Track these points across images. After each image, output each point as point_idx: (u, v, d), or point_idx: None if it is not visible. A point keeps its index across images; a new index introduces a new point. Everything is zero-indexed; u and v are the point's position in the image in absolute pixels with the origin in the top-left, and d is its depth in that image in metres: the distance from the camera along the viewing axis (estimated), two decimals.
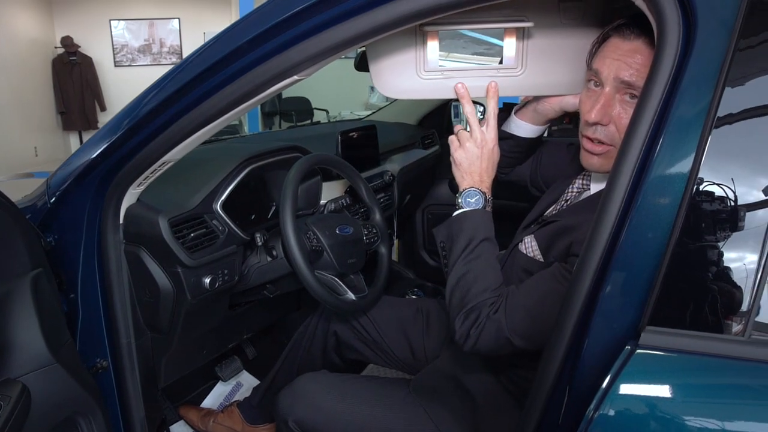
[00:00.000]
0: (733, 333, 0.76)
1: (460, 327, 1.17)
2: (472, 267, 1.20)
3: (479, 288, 1.17)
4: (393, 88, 1.29)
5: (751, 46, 0.76)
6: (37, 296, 1.10)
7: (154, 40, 9.47)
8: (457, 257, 1.22)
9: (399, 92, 1.30)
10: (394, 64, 1.26)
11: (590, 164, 1.20)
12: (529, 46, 1.24)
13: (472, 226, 1.23)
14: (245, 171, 1.64)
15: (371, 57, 1.26)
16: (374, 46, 1.24)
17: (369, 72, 1.29)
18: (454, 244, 1.24)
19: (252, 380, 2.23)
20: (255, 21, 1.04)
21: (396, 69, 1.26)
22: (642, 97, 0.83)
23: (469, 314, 1.16)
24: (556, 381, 0.90)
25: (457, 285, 1.20)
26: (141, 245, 1.42)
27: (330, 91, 7.64)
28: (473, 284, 1.18)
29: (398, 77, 1.27)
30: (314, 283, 1.51)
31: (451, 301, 1.20)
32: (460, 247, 1.22)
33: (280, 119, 7.71)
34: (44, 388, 1.07)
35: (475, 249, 1.21)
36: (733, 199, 0.76)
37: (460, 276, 1.20)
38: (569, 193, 1.34)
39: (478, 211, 1.24)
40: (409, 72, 1.26)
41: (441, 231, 1.29)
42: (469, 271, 1.20)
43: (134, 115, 1.19)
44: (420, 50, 1.24)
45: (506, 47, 1.24)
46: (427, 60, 1.24)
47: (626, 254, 0.82)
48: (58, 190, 1.32)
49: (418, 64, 1.25)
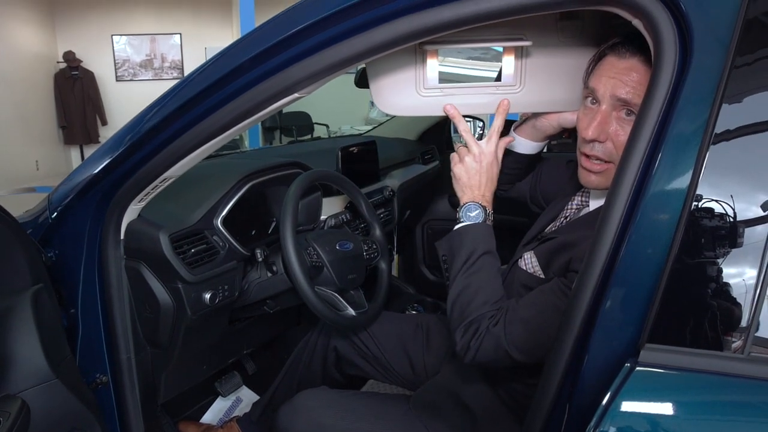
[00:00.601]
0: (732, 350, 0.76)
1: (461, 339, 1.17)
2: (472, 280, 1.20)
3: (479, 301, 1.18)
4: (393, 106, 1.30)
5: (748, 63, 0.77)
6: (37, 312, 1.10)
7: (156, 55, 9.52)
8: (458, 270, 1.22)
9: (399, 109, 1.31)
10: (394, 82, 1.27)
11: (588, 182, 1.21)
12: (527, 64, 1.25)
13: (472, 240, 1.23)
14: (246, 187, 1.65)
15: (371, 74, 1.27)
16: (374, 64, 1.25)
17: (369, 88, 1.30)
18: (455, 258, 1.25)
19: (252, 396, 2.22)
20: (256, 39, 1.05)
21: (396, 86, 1.27)
22: (640, 114, 0.84)
23: (469, 327, 1.17)
24: (556, 398, 0.89)
25: (458, 298, 1.20)
26: (141, 261, 1.43)
27: (330, 106, 7.66)
28: (474, 297, 1.19)
29: (398, 95, 1.28)
30: (314, 298, 1.51)
31: (452, 314, 1.21)
32: (461, 260, 1.23)
33: (280, 134, 7.72)
34: (44, 403, 1.07)
35: (476, 262, 1.22)
36: (732, 214, 0.77)
37: (460, 289, 1.21)
38: (568, 209, 1.34)
39: (479, 225, 1.25)
40: (408, 89, 1.27)
41: (443, 245, 1.30)
42: (469, 284, 1.20)
43: (136, 131, 1.19)
44: (420, 68, 1.25)
45: (505, 65, 1.25)
46: (426, 78, 1.25)
47: (625, 271, 0.82)
48: (60, 205, 1.32)
49: (418, 81, 1.26)
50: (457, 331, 1.18)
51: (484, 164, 1.26)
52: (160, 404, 1.71)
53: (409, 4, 0.94)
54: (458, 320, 1.19)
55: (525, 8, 0.91)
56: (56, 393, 1.10)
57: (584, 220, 1.26)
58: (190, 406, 2.13)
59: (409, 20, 0.95)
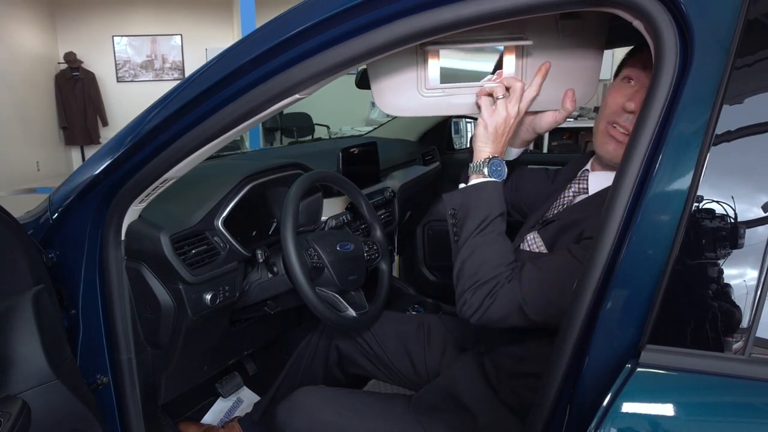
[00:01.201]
0: (733, 351, 0.76)
1: (472, 297, 1.16)
2: (487, 240, 1.18)
3: (495, 262, 1.17)
4: (395, 106, 1.30)
5: (748, 64, 0.77)
6: (38, 312, 1.10)
7: (157, 56, 9.53)
8: (473, 230, 1.19)
9: (401, 110, 1.30)
10: (396, 83, 1.27)
11: (607, 151, 1.26)
12: (528, 63, 1.25)
13: (491, 198, 1.20)
14: (246, 188, 1.65)
15: (372, 76, 1.27)
16: (375, 65, 1.25)
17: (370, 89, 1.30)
18: (468, 214, 1.20)
19: (252, 396, 2.22)
20: (257, 40, 1.05)
21: (397, 87, 1.27)
22: (641, 116, 0.84)
23: (483, 285, 1.15)
24: (557, 399, 0.89)
25: (471, 257, 1.18)
26: (142, 262, 1.43)
27: (331, 106, 7.68)
28: (489, 257, 1.17)
29: (400, 95, 1.28)
30: (315, 299, 1.51)
31: (462, 273, 1.18)
32: (478, 219, 1.19)
33: (281, 135, 7.74)
34: (44, 404, 1.07)
35: (492, 222, 1.19)
36: (733, 216, 0.77)
37: (474, 248, 1.18)
38: (565, 197, 1.37)
39: (499, 184, 1.22)
40: (410, 90, 1.27)
41: (455, 198, 1.24)
42: (484, 243, 1.18)
43: (137, 132, 1.20)
44: (421, 68, 1.25)
45: (506, 64, 1.25)
46: (428, 78, 1.25)
47: (626, 272, 0.82)
48: (61, 206, 1.33)
49: (420, 82, 1.26)
50: (467, 291, 1.16)
51: (513, 122, 1.23)
52: (160, 405, 1.71)
53: (409, 5, 0.94)
54: (470, 279, 1.17)
55: (525, 9, 0.91)
56: (57, 394, 1.10)
57: (586, 203, 1.29)
58: (191, 407, 2.13)
59: (409, 21, 0.95)
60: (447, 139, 3.23)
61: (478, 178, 1.22)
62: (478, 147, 1.23)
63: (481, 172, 1.22)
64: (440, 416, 1.41)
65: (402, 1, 0.94)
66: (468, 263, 1.18)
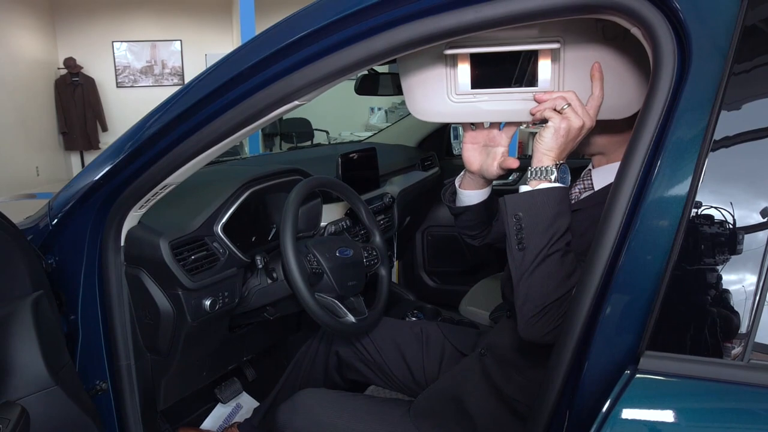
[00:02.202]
0: (732, 357, 0.77)
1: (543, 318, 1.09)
2: (559, 256, 1.10)
3: (566, 280, 1.09)
4: (424, 112, 1.25)
5: (746, 70, 0.77)
6: (37, 318, 1.10)
7: (156, 61, 9.53)
8: (545, 244, 1.09)
9: (430, 115, 1.25)
10: (425, 88, 1.22)
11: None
12: (566, 67, 1.15)
13: (561, 206, 1.11)
14: (246, 194, 1.65)
15: (403, 79, 1.23)
16: (406, 70, 1.21)
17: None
18: (536, 225, 1.10)
19: (251, 402, 2.22)
20: (256, 47, 1.05)
21: (427, 92, 1.22)
22: (639, 122, 0.84)
23: (555, 306, 1.09)
24: (557, 404, 0.90)
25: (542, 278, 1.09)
26: (142, 267, 1.43)
27: (330, 112, 7.70)
28: (563, 276, 1.09)
29: (429, 100, 1.23)
30: (314, 305, 1.51)
31: (530, 293, 1.10)
32: (549, 231, 1.10)
33: (280, 140, 7.75)
34: (43, 410, 1.07)
35: (563, 235, 1.11)
36: (731, 221, 0.77)
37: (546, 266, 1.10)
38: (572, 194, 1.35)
39: (567, 190, 1.14)
40: (440, 95, 1.22)
41: (519, 202, 1.13)
42: (557, 262, 1.10)
43: (137, 138, 1.20)
44: (451, 73, 1.20)
45: (541, 69, 1.16)
46: (458, 83, 1.20)
47: (625, 277, 0.82)
48: (60, 211, 1.33)
49: (449, 87, 1.21)
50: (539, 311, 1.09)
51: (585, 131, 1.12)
52: (159, 411, 1.71)
53: (409, 12, 0.94)
54: (540, 299, 1.09)
55: (523, 16, 0.92)
56: (56, 400, 1.10)
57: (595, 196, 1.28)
58: (190, 413, 2.12)
59: (407, 28, 0.95)
60: (446, 144, 3.23)
61: (542, 183, 1.12)
62: (540, 151, 1.13)
63: (547, 177, 1.12)
64: (439, 421, 1.40)
65: (401, 9, 0.94)
66: (539, 283, 1.10)
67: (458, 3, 0.92)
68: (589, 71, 1.13)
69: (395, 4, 0.94)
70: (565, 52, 1.13)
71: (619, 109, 1.16)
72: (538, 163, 1.13)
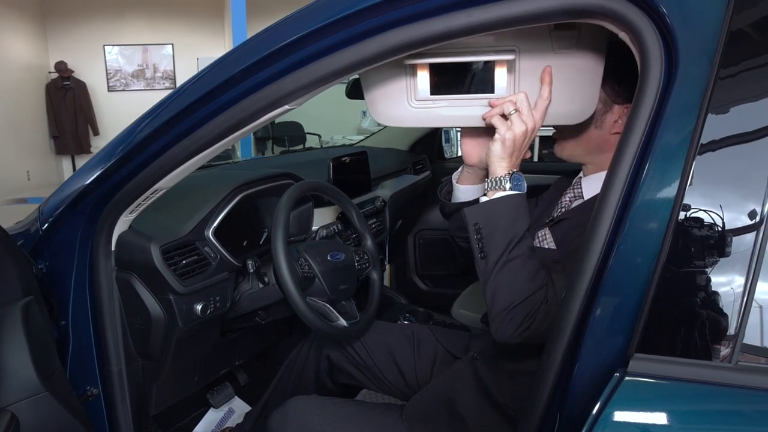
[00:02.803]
0: (720, 359, 0.77)
1: (510, 319, 1.13)
2: (521, 260, 1.15)
3: (530, 282, 1.14)
4: (386, 116, 1.29)
5: (732, 74, 0.78)
6: (27, 324, 1.10)
7: (148, 65, 9.52)
8: (504, 248, 1.15)
9: (392, 120, 1.29)
10: (387, 93, 1.26)
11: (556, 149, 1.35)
12: (521, 75, 1.19)
13: (519, 212, 1.17)
14: (237, 198, 1.65)
15: (365, 85, 1.27)
16: (367, 76, 1.25)
17: (362, 99, 1.30)
18: (495, 233, 1.16)
19: (244, 406, 2.21)
20: (248, 51, 1.05)
21: (388, 98, 1.27)
22: (627, 126, 0.85)
23: (520, 306, 1.13)
24: (547, 407, 0.90)
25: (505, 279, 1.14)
26: (132, 272, 1.42)
27: (322, 115, 7.70)
28: (525, 277, 1.14)
29: (390, 106, 1.27)
30: (305, 309, 1.51)
31: (496, 295, 1.15)
32: (507, 235, 1.15)
33: (272, 144, 7.74)
34: (33, 416, 1.06)
35: (522, 239, 1.16)
36: (719, 223, 0.77)
37: (508, 269, 1.14)
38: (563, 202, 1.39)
39: (524, 196, 1.19)
40: (400, 101, 1.26)
41: (477, 213, 1.19)
42: (518, 265, 1.14)
43: (128, 142, 1.20)
44: (410, 80, 1.24)
45: (497, 77, 1.21)
46: (417, 89, 1.24)
47: (614, 280, 0.83)
48: (51, 216, 1.32)
49: (409, 93, 1.25)
50: (505, 312, 1.14)
51: (531, 135, 1.18)
52: (151, 416, 1.70)
53: (399, 16, 0.95)
54: (506, 301, 1.14)
55: (512, 21, 0.92)
56: (46, 406, 1.09)
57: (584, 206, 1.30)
58: (182, 418, 2.11)
59: (399, 32, 0.96)
60: (437, 148, 3.24)
61: (498, 192, 1.18)
62: (494, 163, 1.19)
63: (501, 186, 1.18)
64: (432, 425, 1.40)
65: (392, 12, 0.95)
66: (502, 286, 1.14)
67: (448, 7, 0.93)
68: None
69: (386, 8, 0.94)
70: (520, 61, 1.18)
71: (572, 115, 1.21)
72: (492, 174, 1.19)
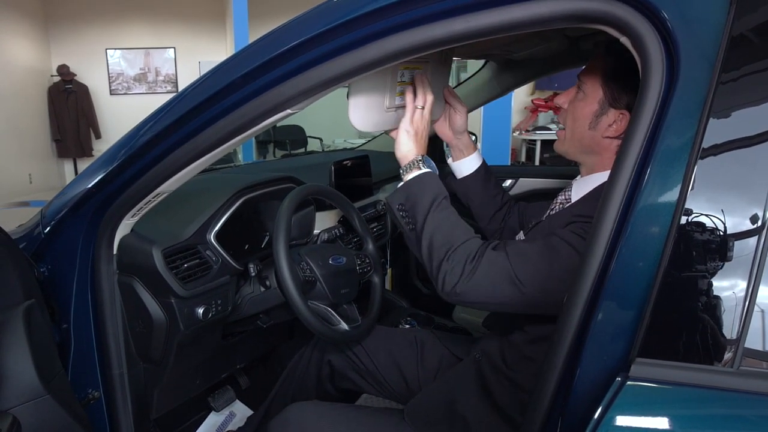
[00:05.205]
0: (722, 363, 0.77)
1: (451, 264, 1.18)
2: (448, 214, 1.25)
3: (462, 230, 1.23)
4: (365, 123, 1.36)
5: (734, 79, 0.78)
6: (29, 327, 1.10)
7: (150, 69, 9.53)
8: (427, 210, 1.24)
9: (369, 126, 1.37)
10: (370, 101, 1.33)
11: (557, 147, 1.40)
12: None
13: (434, 184, 1.28)
14: (239, 202, 1.65)
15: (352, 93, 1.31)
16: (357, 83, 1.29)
17: None
18: (417, 203, 1.26)
19: (245, 410, 2.21)
20: (249, 56, 1.06)
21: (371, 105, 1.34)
22: (629, 130, 0.85)
23: (459, 249, 1.19)
24: (549, 411, 0.90)
25: (437, 229, 1.23)
26: (134, 276, 1.42)
27: (324, 119, 7.69)
28: (456, 227, 1.23)
29: (370, 112, 1.34)
30: (307, 313, 1.51)
31: (432, 248, 1.22)
32: (428, 201, 1.25)
33: (274, 147, 7.76)
34: (35, 420, 1.06)
35: (443, 202, 1.26)
36: (721, 228, 0.77)
37: (437, 224, 1.23)
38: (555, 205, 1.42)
39: (435, 173, 1.32)
40: (379, 107, 1.36)
41: (398, 195, 1.31)
42: (447, 215, 1.24)
43: (130, 146, 1.20)
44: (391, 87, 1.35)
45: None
46: (395, 96, 1.37)
47: (616, 285, 0.82)
48: (53, 220, 1.32)
49: (387, 99, 1.35)
50: (445, 260, 1.19)
51: (426, 124, 1.36)
52: (152, 420, 1.70)
53: (399, 21, 0.95)
54: (443, 247, 1.20)
55: (513, 26, 0.92)
56: (48, 409, 1.09)
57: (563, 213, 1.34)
58: (183, 422, 2.11)
59: (399, 38, 0.96)
60: (439, 151, 3.23)
61: (414, 172, 1.30)
62: (403, 151, 1.34)
63: (417, 167, 1.31)
64: (434, 427, 1.40)
65: (392, 18, 0.95)
66: (437, 235, 1.22)
67: (448, 13, 0.93)
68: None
69: (387, 13, 0.95)
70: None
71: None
72: (406, 160, 1.33)
